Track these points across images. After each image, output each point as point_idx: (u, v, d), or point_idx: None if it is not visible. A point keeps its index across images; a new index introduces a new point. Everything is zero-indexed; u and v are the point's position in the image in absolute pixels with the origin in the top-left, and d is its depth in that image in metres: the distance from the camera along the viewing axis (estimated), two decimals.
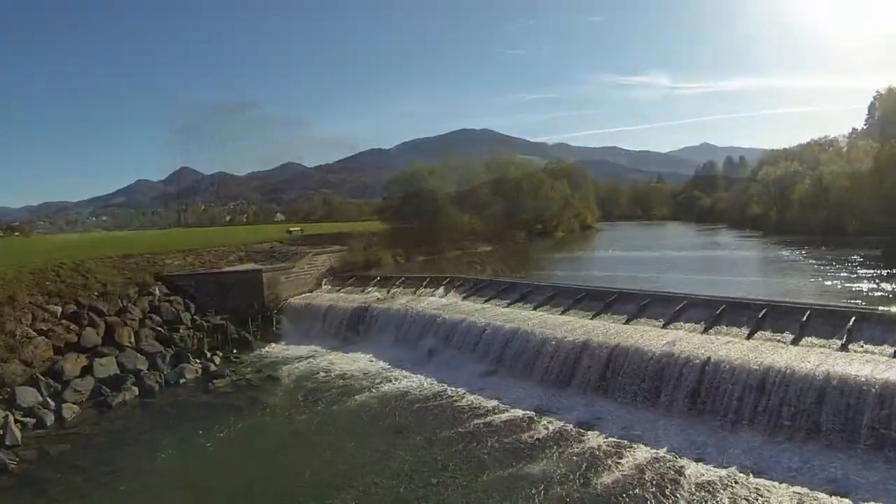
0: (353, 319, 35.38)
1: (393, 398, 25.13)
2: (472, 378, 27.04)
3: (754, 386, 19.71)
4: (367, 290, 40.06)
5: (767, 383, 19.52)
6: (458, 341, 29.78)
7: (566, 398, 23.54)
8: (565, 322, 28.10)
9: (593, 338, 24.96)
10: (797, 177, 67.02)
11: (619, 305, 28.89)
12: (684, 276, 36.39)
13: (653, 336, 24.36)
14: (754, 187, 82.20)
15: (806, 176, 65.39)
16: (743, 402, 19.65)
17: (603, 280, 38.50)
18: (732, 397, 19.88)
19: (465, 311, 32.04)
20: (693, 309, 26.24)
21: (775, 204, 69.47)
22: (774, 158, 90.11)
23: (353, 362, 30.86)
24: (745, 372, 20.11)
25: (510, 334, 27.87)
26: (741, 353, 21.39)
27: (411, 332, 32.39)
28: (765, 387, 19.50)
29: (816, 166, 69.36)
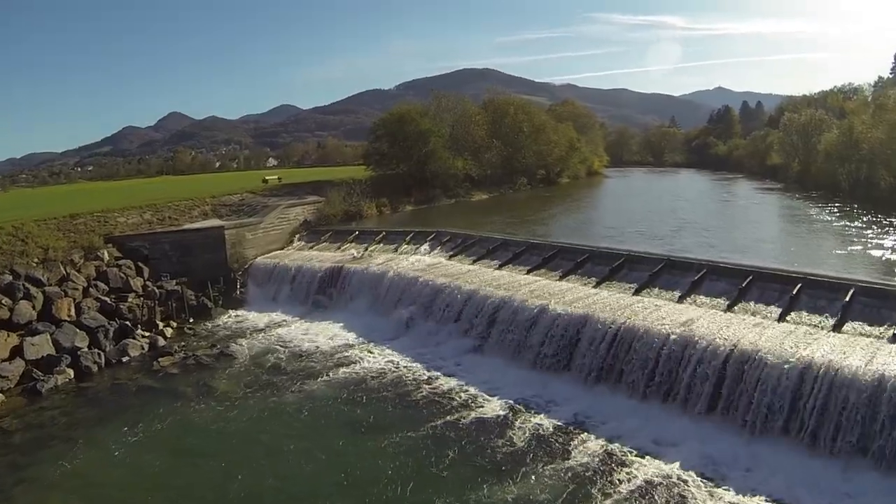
0: (325, 282, 31.38)
1: (357, 383, 21.36)
2: (452, 356, 23.20)
3: (789, 390, 15.66)
4: (343, 246, 35.89)
5: (804, 387, 15.45)
6: (440, 310, 25.81)
7: (561, 388, 19.67)
8: (564, 290, 24.00)
9: (596, 313, 20.88)
10: (824, 125, 61.26)
11: (628, 271, 24.68)
12: (702, 238, 31.48)
13: (666, 313, 20.25)
14: (774, 135, 76.31)
15: (833, 125, 59.66)
16: (775, 410, 15.68)
17: (610, 235, 34.01)
18: (761, 403, 15.90)
19: (450, 274, 27.95)
20: (715, 279, 22.01)
21: (798, 154, 63.94)
22: (795, 105, 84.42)
23: (320, 333, 27.05)
24: (777, 369, 16.02)
25: (498, 305, 23.83)
26: (773, 339, 17.29)
27: (388, 298, 28.42)
28: (802, 392, 15.46)
29: (841, 115, 64.07)
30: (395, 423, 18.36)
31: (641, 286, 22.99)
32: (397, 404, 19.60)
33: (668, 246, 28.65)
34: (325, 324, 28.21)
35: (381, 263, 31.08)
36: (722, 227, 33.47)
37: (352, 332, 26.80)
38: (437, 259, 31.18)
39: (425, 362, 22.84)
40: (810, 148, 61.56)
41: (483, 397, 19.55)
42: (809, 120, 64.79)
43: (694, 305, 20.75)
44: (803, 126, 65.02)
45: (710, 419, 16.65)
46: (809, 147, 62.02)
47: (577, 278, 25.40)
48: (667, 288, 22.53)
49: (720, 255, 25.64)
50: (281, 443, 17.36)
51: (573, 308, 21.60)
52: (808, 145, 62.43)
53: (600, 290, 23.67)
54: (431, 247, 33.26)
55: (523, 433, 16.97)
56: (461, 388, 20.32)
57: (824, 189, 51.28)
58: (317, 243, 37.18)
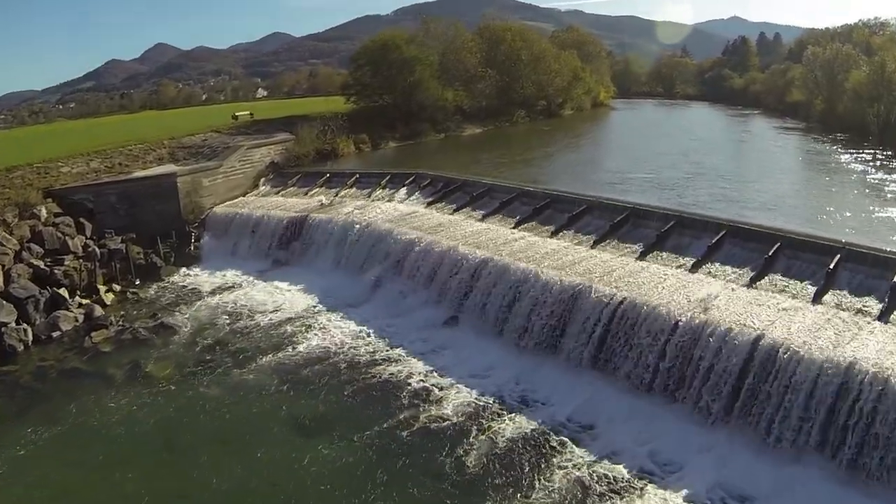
0: (288, 234, 27.66)
1: (307, 365, 18.10)
2: (421, 330, 19.84)
3: (826, 400, 12.21)
4: (312, 191, 31.91)
5: (845, 397, 12.00)
6: (411, 271, 22.27)
7: (548, 377, 16.37)
8: (555, 251, 20.34)
9: (593, 282, 17.27)
10: (851, 62, 55.53)
11: (632, 228, 20.91)
12: (718, 189, 26.83)
13: (676, 286, 16.63)
14: (795, 70, 70.09)
15: (861, 62, 54.09)
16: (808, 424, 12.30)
17: (612, 181, 29.83)
18: (791, 414, 12.51)
19: (426, 227, 24.22)
20: (735, 243, 18.24)
21: (822, 91, 58.27)
22: (817, 39, 77.71)
23: (276, 298, 23.62)
24: (811, 371, 12.53)
25: (477, 267, 20.23)
26: (807, 329, 13.74)
27: (355, 254, 24.82)
28: (842, 404, 12.01)
29: (867, 51, 58.36)
30: (341, 420, 15.26)
31: (648, 248, 19.26)
32: (348, 395, 16.38)
33: (679, 198, 24.66)
34: (284, 285, 24.73)
35: (350, 212, 27.26)
36: (742, 176, 28.96)
37: (311, 296, 23.36)
38: (414, 207, 27.32)
39: (389, 337, 19.52)
40: (836, 86, 55.90)
41: (451, 387, 16.28)
42: (835, 55, 58.78)
43: (710, 277, 17.08)
44: (828, 62, 59.07)
45: (725, 428, 13.35)
46: (835, 85, 56.33)
47: (572, 235, 21.65)
48: (678, 252, 18.81)
49: (741, 213, 21.67)
50: (212, 447, 14.51)
51: (565, 276, 17.99)
52: (834, 83, 56.70)
53: (599, 251, 19.99)
54: (409, 192, 29.33)
55: (495, 442, 13.72)
56: (427, 374, 17.07)
57: (851, 131, 46.31)
58: (284, 188, 33.18)
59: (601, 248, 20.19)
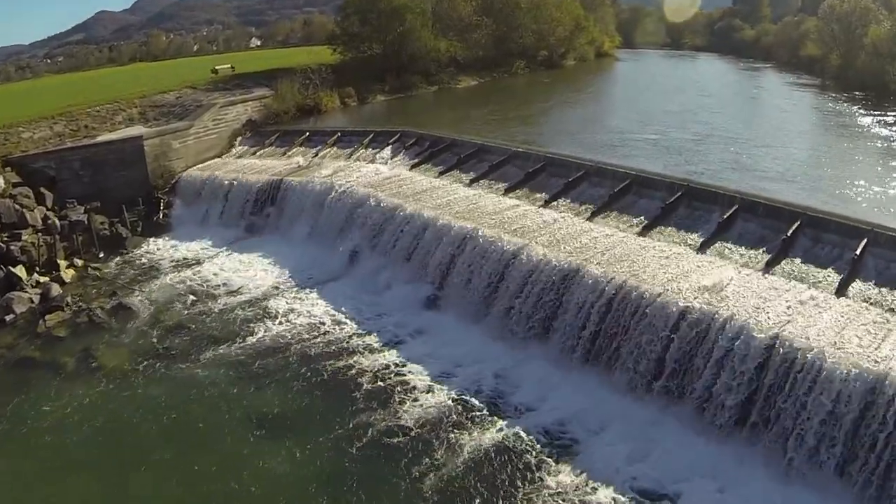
0: (261, 200, 25.50)
1: (272, 353, 16.36)
2: (398, 311, 18.03)
3: (849, 416, 10.41)
4: (291, 151, 29.55)
5: (873, 413, 10.19)
6: (390, 243, 20.28)
7: (536, 370, 14.58)
8: (549, 223, 18.31)
9: (588, 263, 15.30)
10: (871, 16, 51.81)
11: (634, 199, 18.79)
12: (731, 154, 23.96)
13: (682, 269, 14.64)
14: (810, 22, 65.86)
15: (882, 17, 50.53)
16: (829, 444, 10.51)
17: (614, 142, 27.29)
18: (809, 431, 10.71)
19: (409, 193, 22.11)
20: (750, 219, 16.13)
21: (839, 46, 54.55)
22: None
23: (245, 271, 21.73)
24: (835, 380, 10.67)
25: (461, 241, 18.24)
26: (831, 328, 11.84)
27: (332, 222, 22.77)
28: (868, 422, 10.23)
29: (887, 6, 54.51)
30: (302, 420, 13.65)
31: (651, 222, 17.17)
32: (311, 391, 14.69)
33: (686, 165, 22.26)
34: (255, 257, 22.78)
35: (329, 175, 25.05)
36: (756, 139, 26.16)
37: (283, 270, 21.46)
38: (397, 170, 25.07)
39: (363, 320, 17.70)
40: (853, 41, 52.25)
41: (424, 384, 14.52)
42: (854, 8, 54.91)
43: (720, 258, 15.03)
44: (846, 15, 55.24)
45: (734, 442, 11.62)
46: (852, 40, 52.62)
47: (568, 205, 19.53)
48: (685, 227, 16.72)
49: (755, 185, 19.30)
50: (157, 448, 13.03)
51: (558, 253, 15.99)
52: (852, 37, 52.96)
53: (597, 223, 17.92)
54: (393, 152, 27.00)
55: (463, 458, 11.98)
56: (398, 367, 15.29)
57: (869, 89, 43.05)
58: (261, 148, 30.75)
59: (600, 220, 18.11)
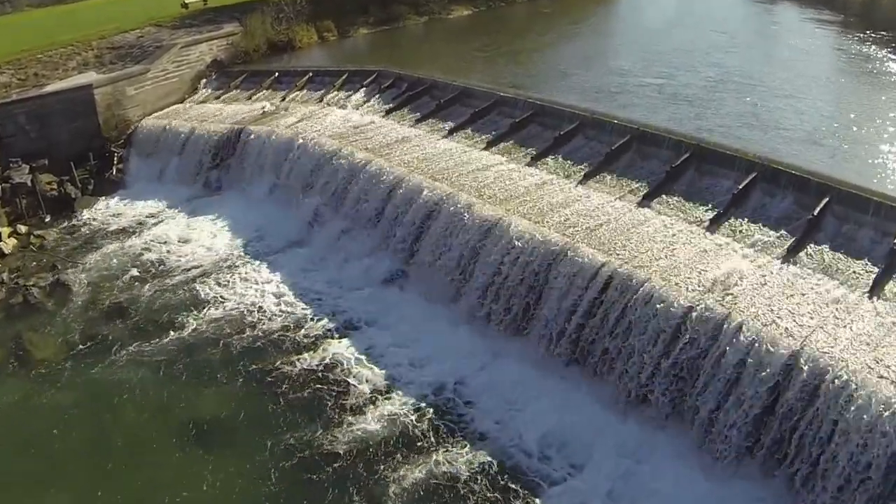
0: (220, 151, 22.71)
1: (213, 345, 14.33)
2: (359, 289, 15.78)
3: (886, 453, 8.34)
4: (258, 94, 26.40)
5: None
6: (355, 206, 17.81)
7: (511, 369, 12.47)
8: (534, 187, 15.76)
9: (576, 243, 12.86)
10: None
11: (636, 158, 16.10)
12: (748, 107, 20.12)
13: (688, 253, 12.20)
14: None
15: None
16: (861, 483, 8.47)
17: (615, 88, 23.53)
18: (837, 465, 8.65)
19: (380, 145, 19.39)
20: (770, 190, 13.49)
21: None
22: None
23: (197, 237, 19.45)
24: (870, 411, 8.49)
25: (431, 206, 15.76)
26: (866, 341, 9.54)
27: (294, 178, 20.18)
28: None
29: None
30: (230, 434, 11.81)
31: (653, 189, 14.54)
32: (247, 394, 12.81)
33: (696, 118, 18.89)
34: (209, 220, 20.40)
35: (295, 123, 22.19)
36: (776, 87, 22.26)
37: (237, 237, 19.15)
38: (370, 116, 22.10)
39: (317, 300, 15.55)
40: None
41: (377, 386, 12.53)
42: None
43: (733, 240, 12.51)
44: None
45: (745, 470, 9.58)
46: None
47: (559, 164, 16.82)
48: (693, 198, 14.11)
49: (779, 147, 16.24)
50: (83, 460, 11.50)
51: (543, 229, 13.51)
52: None
53: (591, 189, 15.32)
54: (368, 95, 23.92)
55: (415, 493, 10.01)
56: (351, 362, 13.20)
57: None
58: (226, 91, 27.54)
59: (593, 184, 15.48)
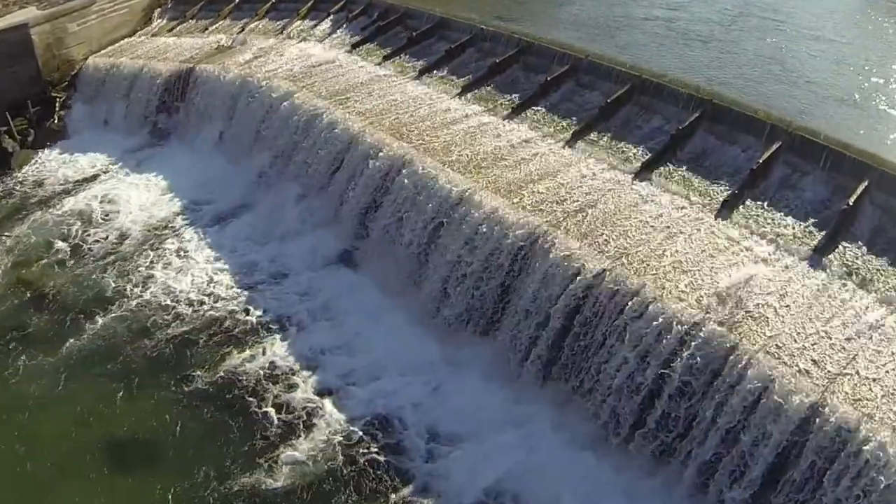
0: (169, 93, 19.65)
1: (137, 341, 12.11)
2: (306, 269, 13.53)
3: None
4: (215, 25, 22.93)
5: None
6: (305, 165, 15.24)
7: (474, 388, 10.45)
8: (512, 146, 13.21)
9: (555, 230, 10.40)
10: None
11: (636, 111, 13.35)
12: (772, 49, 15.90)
13: (693, 247, 9.71)
14: None
15: None
16: None
17: (617, 21, 18.66)
18: None
19: (340, 88, 16.55)
20: (798, 165, 10.79)
21: None
22: None
23: (135, 201, 16.77)
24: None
25: (388, 171, 13.17)
26: None
27: (244, 128, 17.48)
28: None
29: None
30: (162, 450, 9.96)
31: (657, 156, 11.81)
32: (176, 403, 10.83)
33: (709, 67, 14.89)
34: (151, 177, 17.72)
35: (250, 60, 19.13)
36: (803, 25, 17.64)
37: (177, 199, 16.66)
38: (334, 52, 18.90)
39: (255, 284, 13.34)
40: None
41: (314, 405, 10.48)
42: None
43: (750, 232, 9.94)
44: None
45: None
46: None
47: (543, 117, 14.02)
48: (704, 173, 11.42)
49: (807, 108, 12.89)
50: None
51: (514, 212, 10.98)
52: None
53: (579, 152, 12.65)
54: (334, 25, 20.58)
55: None
56: (289, 370, 11.14)
57: None
58: (183, 21, 24.02)
59: (584, 145, 12.76)
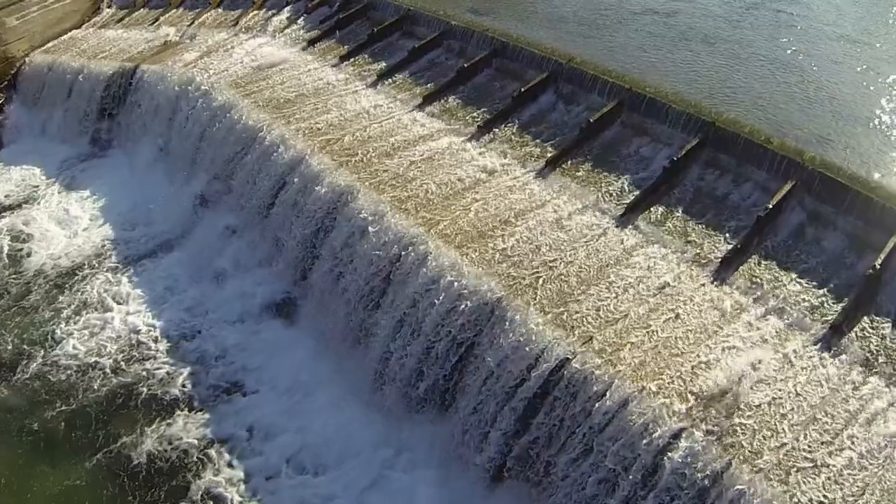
0: (110, 97, 17.59)
1: (33, 410, 10.27)
2: (238, 321, 11.69)
3: None
4: (165, 16, 20.59)
5: None
6: (242, 192, 13.31)
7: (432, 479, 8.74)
8: (477, 180, 11.16)
9: (517, 297, 8.52)
10: None
11: (628, 134, 11.25)
12: (790, 55, 12.16)
13: (691, 320, 7.80)
14: None
15: None
16: None
17: (606, 15, 14.85)
18: None
19: (286, 98, 14.53)
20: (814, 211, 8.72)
21: None
22: None
23: (64, 227, 14.86)
24: None
25: (333, 206, 11.26)
26: None
27: (184, 142, 15.50)
28: None
29: None
30: None
31: (646, 193, 9.79)
32: (73, 488, 9.00)
33: (717, 78, 11.80)
34: (84, 196, 15.84)
35: (195, 60, 17.01)
36: (829, 27, 14.24)
37: (109, 224, 14.77)
38: (286, 51, 16.71)
39: (181, 338, 11.59)
40: None
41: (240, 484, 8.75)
42: None
43: (752, 300, 7.98)
44: None
45: None
46: None
47: (515, 139, 11.95)
48: (700, 213, 9.38)
49: (831, 137, 10.41)
50: None
51: (472, 268, 9.08)
52: None
53: (554, 185, 10.65)
54: (291, 17, 18.36)
55: None
56: (202, 442, 9.45)
57: None
58: (133, 10, 21.75)
59: (561, 176, 10.73)
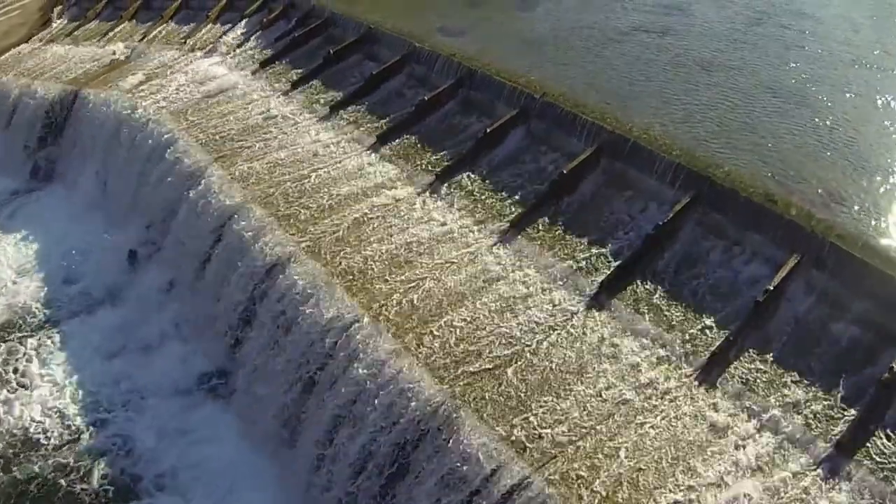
0: (51, 125, 16.17)
1: None
2: (164, 401, 10.27)
3: None
4: (117, 29, 19.08)
5: None
6: (178, 244, 11.85)
7: None
8: (433, 240, 9.80)
9: (465, 405, 7.04)
10: None
11: (608, 189, 9.73)
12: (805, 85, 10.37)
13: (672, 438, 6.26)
14: None
15: None
16: None
17: (594, 35, 12.97)
18: None
19: (229, 133, 13.14)
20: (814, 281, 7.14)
21: None
22: None
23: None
24: None
25: (267, 271, 9.85)
26: None
27: (123, 180, 14.07)
28: None
29: None
30: None
31: (624, 268, 8.28)
32: None
33: (711, 118, 9.92)
34: (17, 239, 14.34)
35: (139, 84, 15.49)
36: (843, 49, 12.45)
37: (41, 273, 13.25)
38: (236, 75, 15.11)
39: (99, 424, 10.03)
40: None
41: None
42: None
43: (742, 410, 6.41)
44: None
45: None
46: None
47: (480, 193, 10.35)
48: (689, 294, 7.81)
49: (841, 200, 8.16)
50: None
51: (418, 366, 7.63)
52: None
53: (518, 254, 9.14)
54: (246, 34, 16.82)
55: None
56: None
57: None
58: (84, 23, 20.19)
59: (526, 242, 9.19)
